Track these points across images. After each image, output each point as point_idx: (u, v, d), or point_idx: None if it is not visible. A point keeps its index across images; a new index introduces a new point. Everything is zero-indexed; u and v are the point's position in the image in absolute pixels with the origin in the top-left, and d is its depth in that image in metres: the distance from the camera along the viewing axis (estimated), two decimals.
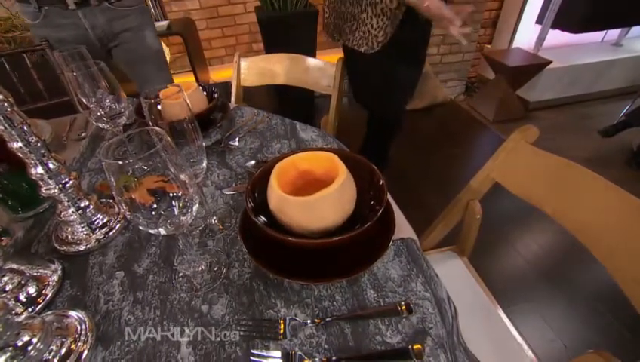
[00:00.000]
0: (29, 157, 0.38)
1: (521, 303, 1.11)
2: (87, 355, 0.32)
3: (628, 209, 0.46)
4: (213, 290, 0.37)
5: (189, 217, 0.33)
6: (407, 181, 1.62)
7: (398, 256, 0.39)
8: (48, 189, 0.41)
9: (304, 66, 0.98)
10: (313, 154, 0.40)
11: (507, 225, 1.37)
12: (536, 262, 1.26)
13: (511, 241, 1.33)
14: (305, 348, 0.31)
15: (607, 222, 0.49)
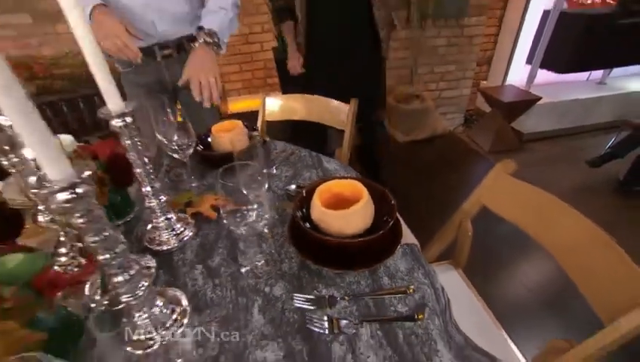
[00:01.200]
0: (144, 179, 0.54)
1: (510, 308, 1.28)
2: (189, 318, 0.45)
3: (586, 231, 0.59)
4: (272, 278, 0.51)
5: (262, 224, 0.48)
6: (409, 204, 1.77)
7: (405, 256, 0.53)
8: (150, 202, 0.56)
9: (321, 106, 1.16)
10: (343, 181, 0.55)
11: (500, 243, 1.52)
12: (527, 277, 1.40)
13: (502, 257, 1.49)
14: (341, 314, 0.45)
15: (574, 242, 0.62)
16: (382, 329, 0.42)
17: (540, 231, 0.67)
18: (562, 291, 1.33)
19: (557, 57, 2.46)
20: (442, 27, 2.34)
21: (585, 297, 0.57)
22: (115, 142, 0.61)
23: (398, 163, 2.25)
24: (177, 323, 0.44)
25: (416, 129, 2.36)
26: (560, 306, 1.30)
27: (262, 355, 0.41)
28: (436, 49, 2.43)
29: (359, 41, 1.25)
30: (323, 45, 1.28)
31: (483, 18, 2.41)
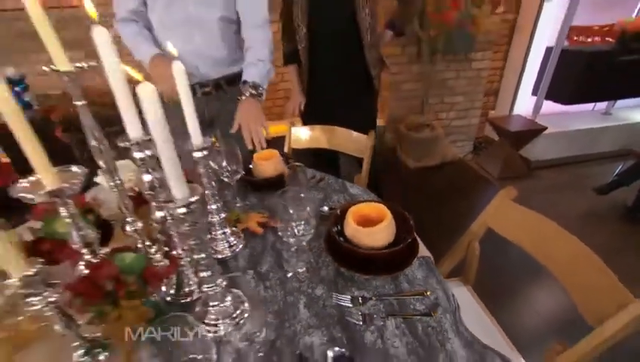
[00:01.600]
0: (209, 198, 0.67)
1: (516, 321, 1.36)
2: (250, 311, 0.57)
3: (577, 250, 0.69)
4: (312, 281, 0.63)
5: (305, 236, 0.61)
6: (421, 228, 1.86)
7: (421, 266, 0.64)
8: (213, 218, 0.69)
9: (342, 136, 1.30)
10: (370, 204, 0.68)
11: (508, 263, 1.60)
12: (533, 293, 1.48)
13: (509, 276, 1.58)
14: (371, 310, 0.56)
15: (567, 260, 0.72)
16: (404, 322, 0.53)
17: (540, 251, 0.77)
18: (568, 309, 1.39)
19: (561, 90, 2.60)
20: (451, 61, 2.52)
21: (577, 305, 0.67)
22: (186, 170, 0.76)
23: (410, 188, 2.36)
24: (241, 314, 0.56)
25: (427, 156, 2.49)
26: (567, 325, 1.36)
27: (310, 340, 0.52)
28: (446, 81, 2.59)
29: (354, 79, 1.40)
30: (322, 84, 1.42)
31: (489, 53, 2.58)
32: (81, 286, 0.46)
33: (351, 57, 1.35)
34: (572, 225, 0.73)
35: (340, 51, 1.35)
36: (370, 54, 1.35)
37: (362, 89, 1.44)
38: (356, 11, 1.26)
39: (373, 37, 1.33)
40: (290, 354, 0.50)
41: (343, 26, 1.30)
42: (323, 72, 1.39)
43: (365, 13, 1.26)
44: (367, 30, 1.29)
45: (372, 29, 1.32)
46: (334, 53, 1.35)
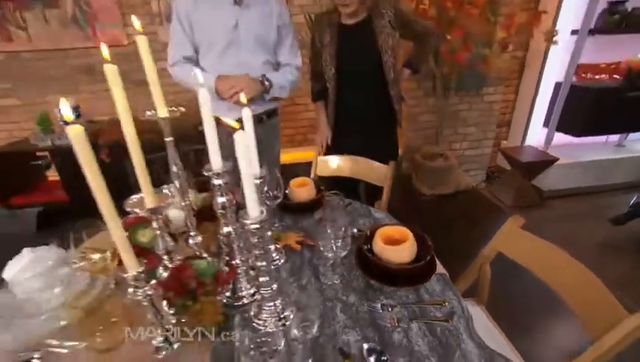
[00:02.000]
0: None
1: None
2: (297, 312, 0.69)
3: (580, 272, 0.79)
4: (346, 291, 0.74)
5: (341, 252, 0.73)
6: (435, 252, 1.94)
7: (439, 281, 0.75)
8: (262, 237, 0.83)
9: (364, 166, 1.44)
10: (395, 227, 0.80)
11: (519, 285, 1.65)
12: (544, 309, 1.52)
13: (520, 296, 1.64)
14: (397, 316, 0.67)
15: (570, 280, 0.81)
16: (425, 326, 0.64)
17: (545, 272, 0.87)
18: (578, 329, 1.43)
19: (571, 123, 2.70)
20: (464, 95, 2.68)
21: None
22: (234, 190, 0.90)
23: (424, 215, 2.45)
24: (289, 316, 0.68)
25: (441, 184, 2.59)
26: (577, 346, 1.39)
27: (346, 338, 0.63)
28: (459, 113, 2.74)
29: (378, 113, 1.55)
30: (349, 118, 1.57)
31: (500, 88, 2.74)
32: (171, 284, 0.60)
33: (376, 94, 1.50)
34: (587, 255, 0.82)
35: (366, 88, 1.50)
36: (393, 90, 1.50)
37: (386, 122, 1.59)
38: (380, 53, 1.41)
39: (395, 74, 1.48)
40: (332, 348, 0.61)
41: (368, 66, 1.45)
42: (349, 107, 1.54)
43: (388, 54, 1.42)
44: (390, 69, 1.44)
45: (394, 68, 1.46)
46: (360, 90, 1.51)
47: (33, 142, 2.39)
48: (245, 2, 1.28)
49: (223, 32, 1.26)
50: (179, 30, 1.26)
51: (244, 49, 1.29)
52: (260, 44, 1.33)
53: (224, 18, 1.25)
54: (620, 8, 2.37)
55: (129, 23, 2.72)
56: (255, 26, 1.31)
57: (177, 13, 1.25)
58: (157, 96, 0.69)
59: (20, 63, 2.69)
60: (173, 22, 1.27)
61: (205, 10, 1.24)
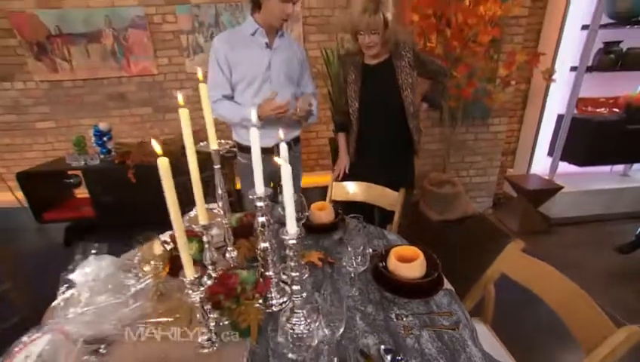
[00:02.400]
0: None
1: None
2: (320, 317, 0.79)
3: (573, 292, 0.88)
4: (364, 302, 0.85)
5: (361, 268, 0.84)
6: None
7: (446, 295, 0.85)
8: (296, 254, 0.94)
9: (377, 192, 1.57)
10: (407, 247, 0.91)
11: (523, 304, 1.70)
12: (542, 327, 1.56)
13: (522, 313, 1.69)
14: (409, 324, 0.77)
15: (565, 299, 0.90)
16: (435, 333, 0.74)
17: (542, 290, 0.96)
18: None
19: (574, 153, 2.80)
20: (470, 125, 2.82)
21: None
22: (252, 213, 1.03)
23: (432, 240, 2.52)
24: (315, 321, 0.78)
25: (449, 210, 2.69)
26: None
27: (366, 341, 0.73)
28: (465, 142, 2.88)
29: (398, 144, 1.68)
30: (370, 147, 1.70)
31: (505, 119, 2.88)
32: (219, 289, 0.72)
33: (396, 126, 1.64)
34: (595, 283, 0.90)
35: (387, 121, 1.64)
36: (412, 123, 1.64)
37: (404, 153, 1.72)
38: (400, 90, 1.56)
39: (414, 109, 1.62)
40: (353, 349, 0.71)
41: (390, 101, 1.60)
42: (371, 138, 1.68)
43: (408, 91, 1.57)
44: (410, 104, 1.59)
45: (413, 103, 1.60)
46: (381, 123, 1.64)
47: (68, 162, 2.58)
48: (275, 45, 1.48)
49: (258, 71, 1.45)
50: (218, 72, 1.44)
51: (275, 85, 1.48)
52: (288, 80, 1.54)
53: (258, 60, 1.45)
54: (615, 48, 2.54)
55: (159, 55, 2.98)
56: (284, 65, 1.51)
57: (216, 57, 1.43)
58: (211, 135, 0.83)
59: (61, 91, 2.95)
60: (211, 65, 1.45)
61: (242, 54, 1.43)
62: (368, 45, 1.48)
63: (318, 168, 3.36)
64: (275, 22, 1.42)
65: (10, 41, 2.74)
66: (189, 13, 2.84)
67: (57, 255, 2.56)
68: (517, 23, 2.60)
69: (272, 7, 1.35)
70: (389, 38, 1.48)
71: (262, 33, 1.44)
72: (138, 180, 2.53)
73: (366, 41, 1.47)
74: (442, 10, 2.24)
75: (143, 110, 3.13)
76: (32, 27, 2.67)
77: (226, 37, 1.45)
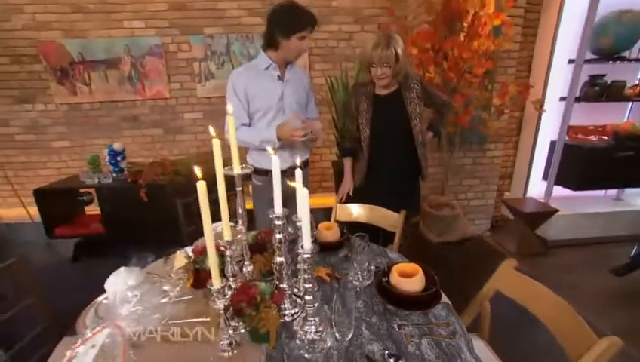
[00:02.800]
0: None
1: None
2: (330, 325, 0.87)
3: (560, 306, 0.96)
4: (369, 313, 0.93)
5: (366, 282, 0.93)
6: None
7: (443, 308, 0.94)
8: (310, 267, 1.03)
9: (379, 214, 1.66)
10: (407, 264, 1.01)
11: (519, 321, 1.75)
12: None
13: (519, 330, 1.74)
14: (410, 333, 0.85)
15: (554, 313, 0.98)
16: (433, 341, 0.82)
17: (533, 305, 1.04)
18: None
19: (568, 177, 2.92)
20: (467, 150, 2.96)
21: None
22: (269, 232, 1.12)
23: (432, 261, 2.58)
24: (326, 328, 0.86)
25: (448, 232, 2.77)
26: None
27: (371, 347, 0.81)
28: (463, 167, 3.00)
29: (406, 171, 1.80)
30: (379, 172, 1.81)
31: (501, 144, 3.01)
32: (242, 297, 0.80)
33: (404, 153, 1.76)
34: (592, 304, 0.98)
35: (395, 148, 1.76)
36: (420, 150, 1.76)
37: (411, 178, 1.84)
38: (409, 119, 1.69)
39: (422, 137, 1.75)
40: (360, 354, 0.79)
41: (399, 129, 1.72)
42: (380, 163, 1.79)
43: (416, 120, 1.70)
44: (418, 133, 1.71)
45: (422, 131, 1.73)
46: (391, 150, 1.76)
47: (82, 179, 2.69)
48: (286, 78, 1.63)
49: (273, 101, 1.59)
50: (237, 103, 1.57)
51: (288, 113, 1.62)
52: (298, 108, 1.68)
53: (272, 92, 1.59)
54: (600, 81, 2.72)
55: (172, 80, 3.16)
56: (295, 94, 1.65)
57: (235, 90, 1.56)
58: (235, 160, 0.94)
59: (78, 112, 3.12)
60: (230, 96, 1.58)
61: (257, 87, 1.57)
62: (380, 77, 1.63)
63: (321, 190, 3.48)
64: (293, 58, 1.57)
65: (35, 67, 2.93)
66: (203, 43, 3.04)
67: (66, 270, 2.63)
68: (509, 56, 2.79)
69: (291, 46, 1.49)
70: (400, 70, 1.63)
71: (275, 67, 1.57)
72: (149, 199, 2.63)
73: (378, 73, 1.62)
74: (439, 45, 2.42)
75: (154, 131, 3.28)
76: (57, 54, 2.86)
77: (242, 71, 1.60)
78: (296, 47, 1.50)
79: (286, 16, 1.46)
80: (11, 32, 2.85)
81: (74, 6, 2.84)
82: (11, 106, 3.04)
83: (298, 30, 1.45)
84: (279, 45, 1.50)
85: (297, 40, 1.47)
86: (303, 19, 1.45)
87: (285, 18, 1.46)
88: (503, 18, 2.36)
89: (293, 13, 1.46)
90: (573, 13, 2.70)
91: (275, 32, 1.48)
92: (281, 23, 1.46)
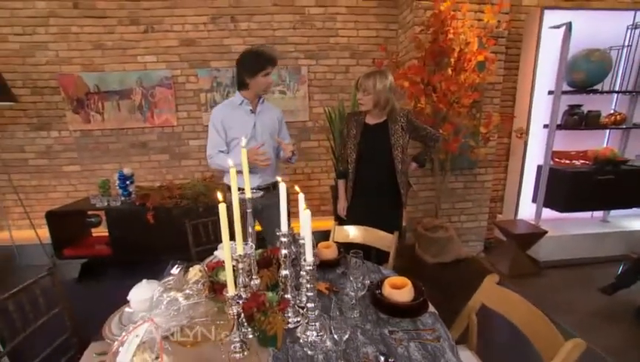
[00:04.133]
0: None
1: None
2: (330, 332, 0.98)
3: (530, 311, 1.08)
4: (363, 321, 1.04)
5: (360, 293, 1.05)
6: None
7: (430, 317, 1.05)
8: (311, 278, 1.15)
9: (373, 235, 1.79)
10: (398, 277, 1.13)
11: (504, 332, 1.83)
12: None
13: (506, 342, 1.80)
14: (400, 337, 0.96)
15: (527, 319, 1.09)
16: (420, 344, 0.93)
17: (511, 313, 1.15)
18: None
19: (555, 200, 3.07)
20: (459, 175, 3.12)
21: None
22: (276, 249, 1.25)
23: (427, 281, 2.66)
24: (326, 332, 0.97)
25: (442, 253, 2.87)
26: None
27: (365, 350, 0.92)
28: (455, 190, 3.15)
29: (387, 194, 1.94)
30: (363, 194, 1.98)
31: (491, 169, 3.18)
32: (252, 304, 0.92)
33: (386, 179, 1.92)
34: (584, 323, 1.06)
35: (378, 173, 1.92)
36: (400, 178, 1.91)
37: (392, 202, 1.98)
38: (392, 148, 1.87)
39: (403, 166, 1.91)
40: (356, 356, 0.90)
41: (382, 157, 1.89)
42: (364, 185, 1.96)
43: (398, 150, 1.87)
44: (399, 162, 1.88)
45: (403, 161, 1.89)
46: (374, 174, 1.93)
47: (92, 202, 2.82)
48: (258, 110, 1.90)
49: (246, 131, 1.85)
50: (215, 134, 1.85)
51: (259, 140, 1.87)
52: (269, 135, 1.93)
53: (246, 123, 1.86)
54: (578, 111, 2.93)
55: (180, 109, 3.37)
56: (266, 124, 1.92)
57: (214, 122, 1.85)
58: (247, 186, 1.09)
59: (90, 139, 3.30)
60: (211, 129, 1.86)
61: (233, 119, 1.85)
62: (359, 101, 1.86)
63: (320, 214, 3.60)
64: (262, 92, 1.86)
65: (54, 98, 3.15)
66: (209, 75, 3.28)
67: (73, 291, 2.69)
68: (494, 88, 3.02)
69: (259, 83, 1.78)
70: (379, 101, 1.82)
71: (247, 103, 1.87)
72: (155, 221, 2.75)
73: (358, 96, 1.86)
74: (428, 78, 2.64)
75: (161, 157, 3.45)
76: (75, 86, 3.08)
77: (221, 108, 1.88)
78: (263, 82, 1.79)
79: (250, 60, 1.77)
80: (35, 67, 3.09)
81: (94, 43, 3.09)
82: (28, 133, 3.22)
83: (261, 69, 1.75)
84: (249, 85, 1.80)
85: (262, 77, 1.77)
86: (264, 60, 1.75)
87: (250, 61, 1.77)
88: (486, 54, 2.61)
89: (256, 55, 1.77)
90: (549, 49, 2.96)
91: (243, 74, 1.78)
92: (246, 65, 1.77)
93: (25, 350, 1.16)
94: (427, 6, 2.80)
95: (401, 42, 3.28)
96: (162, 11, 3.11)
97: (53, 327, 1.25)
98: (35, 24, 3.03)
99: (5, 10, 3.00)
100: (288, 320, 1.04)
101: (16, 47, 3.06)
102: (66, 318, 1.24)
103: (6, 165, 3.11)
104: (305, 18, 3.26)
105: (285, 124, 2.09)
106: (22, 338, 1.12)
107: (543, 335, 1.02)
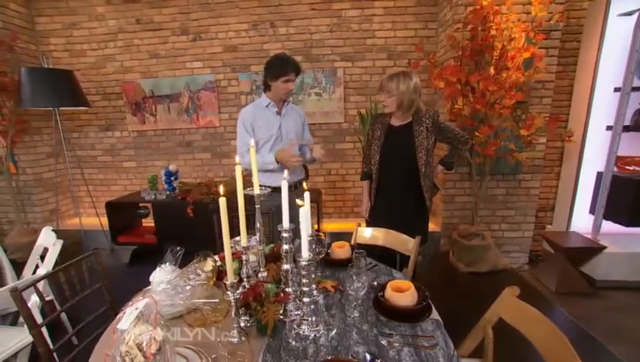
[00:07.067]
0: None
1: None
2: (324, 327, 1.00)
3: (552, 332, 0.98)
4: (363, 321, 1.04)
5: (360, 293, 1.04)
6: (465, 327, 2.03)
7: (432, 324, 1.01)
8: (308, 273, 1.18)
9: (396, 238, 1.75)
10: (401, 281, 1.10)
11: None
12: None
13: None
14: (395, 341, 0.94)
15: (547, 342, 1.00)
16: (414, 350, 0.90)
17: (529, 332, 1.06)
18: None
19: (618, 212, 2.71)
20: (500, 180, 2.90)
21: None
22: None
23: (459, 290, 2.53)
24: (323, 329, 0.99)
25: (478, 263, 2.70)
26: None
27: (357, 349, 0.92)
28: (496, 197, 2.94)
29: (409, 197, 1.88)
30: (386, 196, 1.94)
31: (538, 175, 2.92)
32: (250, 293, 0.97)
33: (408, 181, 1.87)
34: None
35: (401, 175, 1.88)
36: (424, 181, 1.85)
37: (418, 207, 1.92)
38: (415, 150, 1.82)
39: (428, 169, 1.85)
40: (346, 354, 0.91)
41: (405, 158, 1.85)
42: (387, 186, 1.93)
43: (422, 152, 1.82)
44: (422, 165, 1.82)
45: (427, 163, 1.83)
46: (397, 175, 1.89)
47: (143, 195, 3.14)
48: (283, 112, 1.97)
49: (272, 131, 1.93)
50: (244, 133, 1.94)
51: (285, 140, 1.95)
52: (294, 136, 2.00)
53: (272, 124, 1.94)
54: None
55: (222, 111, 3.59)
56: (291, 125, 1.99)
57: (243, 122, 1.94)
58: (255, 183, 1.15)
59: (144, 138, 3.66)
60: (240, 128, 1.95)
61: (261, 120, 1.93)
62: (382, 103, 1.84)
63: (353, 215, 3.60)
64: (282, 96, 1.92)
65: (118, 102, 3.58)
66: (249, 79, 3.45)
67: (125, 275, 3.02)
68: (543, 86, 2.77)
69: (279, 87, 1.86)
70: (402, 102, 1.78)
71: (273, 105, 1.94)
72: (195, 214, 2.97)
73: (381, 98, 1.84)
74: (465, 78, 2.51)
75: (204, 155, 3.71)
76: (134, 92, 3.47)
77: (249, 109, 1.97)
78: (283, 88, 1.85)
79: (274, 64, 1.85)
80: (105, 76, 3.59)
81: (151, 53, 3.46)
82: (98, 133, 3.71)
83: (283, 74, 1.82)
84: (270, 87, 1.89)
85: (282, 82, 1.83)
86: (287, 66, 1.82)
87: (273, 66, 1.85)
88: (534, 50, 2.40)
89: (281, 61, 1.83)
90: (615, 40, 2.63)
91: (267, 77, 1.88)
92: (270, 69, 1.86)
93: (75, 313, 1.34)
94: (467, 2, 2.66)
95: (440, 41, 3.16)
96: (209, 20, 3.36)
97: (96, 300, 1.43)
98: (106, 40, 3.49)
99: (85, 29, 3.50)
100: (290, 313, 1.07)
101: (93, 60, 3.56)
102: (105, 293, 1.40)
103: (80, 161, 3.59)
104: (341, 21, 3.29)
105: (307, 124, 2.18)
106: (70, 305, 1.29)
107: (560, 359, 0.93)
